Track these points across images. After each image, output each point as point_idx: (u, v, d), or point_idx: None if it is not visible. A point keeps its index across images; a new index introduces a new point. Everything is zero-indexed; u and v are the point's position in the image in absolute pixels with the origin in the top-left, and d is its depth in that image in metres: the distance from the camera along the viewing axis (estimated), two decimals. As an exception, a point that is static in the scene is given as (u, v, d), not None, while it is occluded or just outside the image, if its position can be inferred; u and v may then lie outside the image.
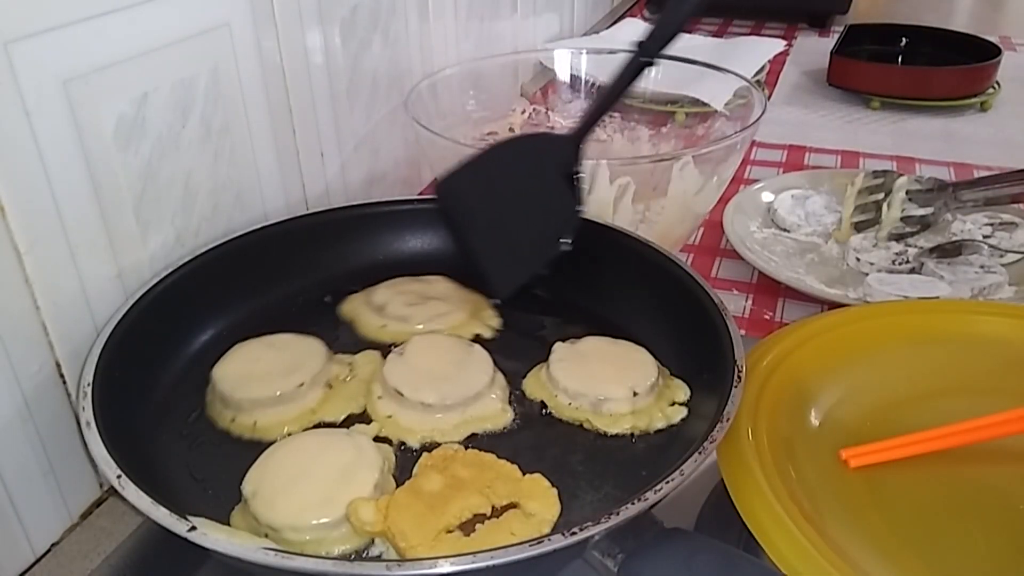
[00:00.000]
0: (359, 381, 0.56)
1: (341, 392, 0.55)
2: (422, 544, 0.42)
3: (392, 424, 0.53)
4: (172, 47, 0.57)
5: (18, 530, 0.51)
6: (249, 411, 0.53)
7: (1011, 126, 1.18)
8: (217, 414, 0.54)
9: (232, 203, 0.66)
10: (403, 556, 0.42)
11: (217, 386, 0.54)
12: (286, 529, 0.43)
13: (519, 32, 1.18)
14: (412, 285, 0.66)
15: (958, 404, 0.55)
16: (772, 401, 0.54)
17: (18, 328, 0.49)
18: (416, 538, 0.42)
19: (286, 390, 0.53)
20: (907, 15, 1.67)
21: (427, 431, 0.52)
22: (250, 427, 0.52)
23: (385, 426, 0.53)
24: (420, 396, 0.53)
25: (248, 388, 0.53)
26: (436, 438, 0.52)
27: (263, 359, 0.56)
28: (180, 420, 0.54)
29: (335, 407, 0.54)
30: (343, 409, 0.54)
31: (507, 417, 0.54)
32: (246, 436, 0.52)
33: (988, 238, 0.82)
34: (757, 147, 1.10)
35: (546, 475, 0.47)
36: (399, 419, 0.53)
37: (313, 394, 0.54)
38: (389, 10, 0.83)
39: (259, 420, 0.52)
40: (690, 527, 0.52)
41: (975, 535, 0.47)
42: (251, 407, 0.53)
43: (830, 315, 0.65)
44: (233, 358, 0.56)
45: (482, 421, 0.53)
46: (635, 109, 0.93)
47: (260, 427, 0.52)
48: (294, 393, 0.54)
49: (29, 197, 0.49)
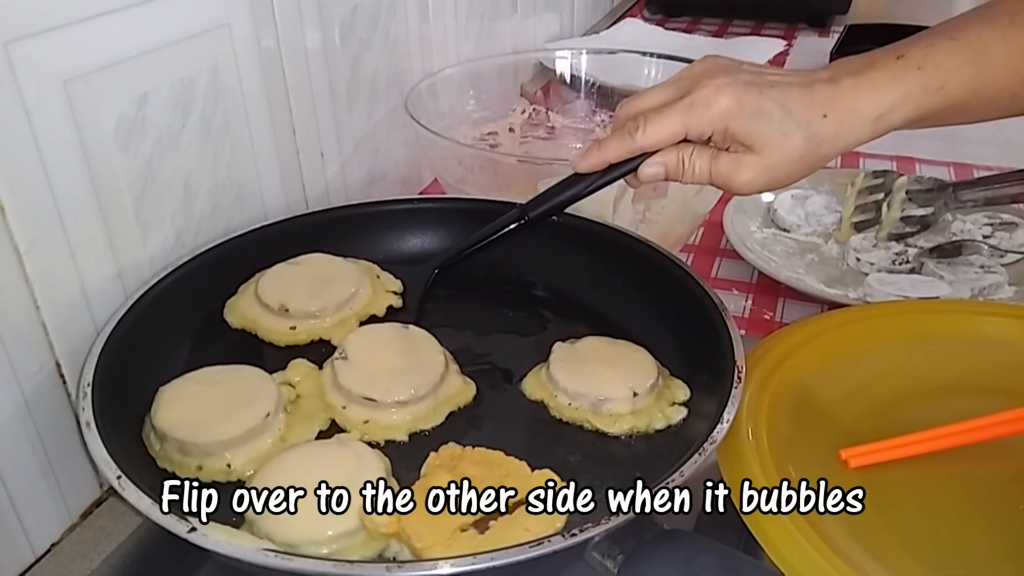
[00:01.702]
0: (308, 397, 0.54)
1: (299, 413, 0.53)
2: (438, 543, 0.42)
3: (373, 427, 0.52)
4: (172, 47, 0.57)
5: (18, 530, 0.51)
6: (218, 455, 0.48)
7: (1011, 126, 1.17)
8: (177, 465, 0.49)
9: (232, 203, 0.66)
10: (420, 556, 0.42)
11: (171, 435, 0.48)
12: (305, 544, 0.42)
13: (519, 32, 1.18)
14: (292, 270, 0.63)
15: (958, 404, 0.55)
16: (772, 401, 0.54)
17: (18, 328, 0.49)
18: (432, 538, 0.42)
19: (255, 423, 0.49)
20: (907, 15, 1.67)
21: (408, 423, 0.53)
22: (223, 471, 0.48)
23: (366, 431, 0.52)
24: (393, 396, 0.53)
25: (211, 431, 0.49)
26: (420, 426, 0.53)
27: (208, 398, 0.51)
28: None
29: (304, 429, 0.52)
30: (311, 429, 0.52)
31: (471, 390, 0.56)
32: (220, 480, 0.48)
33: (988, 238, 0.82)
34: (757, 147, 1.10)
35: (546, 475, 0.47)
36: (378, 421, 0.52)
37: (278, 422, 0.51)
38: (389, 10, 0.83)
39: (232, 462, 0.48)
40: (690, 528, 0.52)
41: (975, 535, 0.47)
42: (219, 450, 0.48)
43: (830, 315, 0.65)
44: (171, 403, 0.51)
45: (454, 399, 0.54)
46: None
47: (235, 469, 0.48)
48: (263, 425, 0.50)
49: (29, 197, 0.49)
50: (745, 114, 0.49)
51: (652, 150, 0.52)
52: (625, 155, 0.53)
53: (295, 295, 0.61)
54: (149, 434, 0.50)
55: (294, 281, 0.62)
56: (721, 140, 0.51)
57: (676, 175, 0.53)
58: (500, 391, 0.57)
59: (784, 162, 0.50)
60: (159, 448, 0.50)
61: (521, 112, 0.96)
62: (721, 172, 0.51)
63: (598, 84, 0.96)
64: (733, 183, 0.51)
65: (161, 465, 0.49)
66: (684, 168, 0.52)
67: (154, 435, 0.50)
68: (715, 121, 0.50)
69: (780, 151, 0.50)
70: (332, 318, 0.60)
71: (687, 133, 0.51)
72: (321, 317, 0.60)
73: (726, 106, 0.49)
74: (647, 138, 0.51)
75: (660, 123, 0.51)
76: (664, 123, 0.51)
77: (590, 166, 0.54)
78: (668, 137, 0.51)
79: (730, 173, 0.51)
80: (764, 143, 0.49)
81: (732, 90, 0.49)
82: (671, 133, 0.51)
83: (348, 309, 0.61)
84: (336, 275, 0.63)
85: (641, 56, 0.93)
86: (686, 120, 0.50)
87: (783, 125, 0.49)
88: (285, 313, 0.60)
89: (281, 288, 0.61)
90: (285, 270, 0.63)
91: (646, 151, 0.52)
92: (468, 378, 0.56)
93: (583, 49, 0.97)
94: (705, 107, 0.50)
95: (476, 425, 0.54)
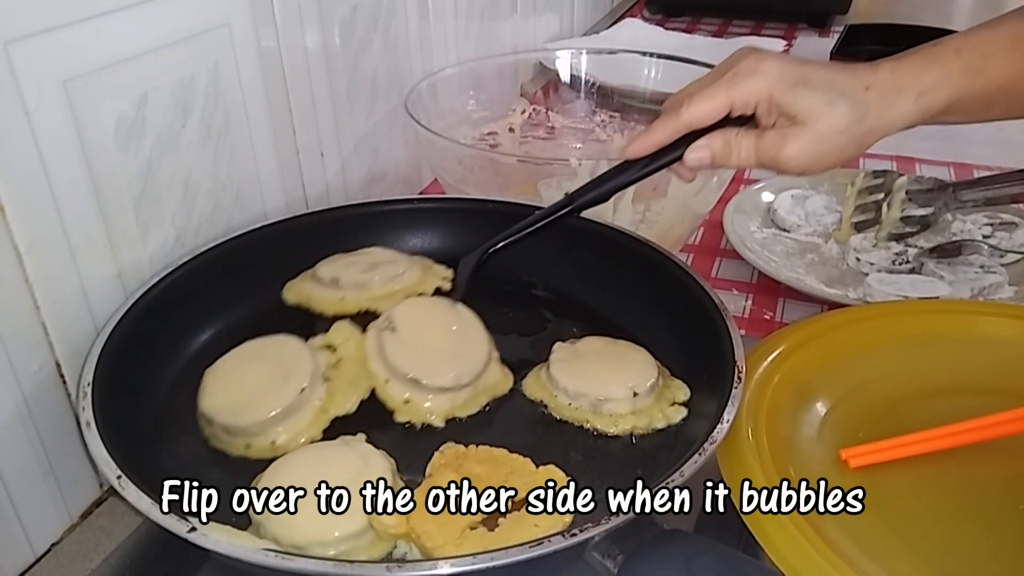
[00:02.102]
0: (350, 362, 0.55)
1: (340, 381, 0.54)
2: (448, 542, 0.42)
3: (411, 409, 0.53)
4: (172, 47, 0.57)
5: (18, 530, 0.51)
6: (261, 434, 0.50)
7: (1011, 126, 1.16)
8: (226, 445, 0.51)
9: (232, 203, 0.66)
10: (430, 556, 0.42)
11: (216, 420, 0.51)
12: (313, 546, 0.42)
13: (519, 32, 1.18)
14: (352, 258, 0.66)
15: (958, 404, 0.55)
16: (772, 401, 0.54)
17: (18, 328, 0.49)
18: (442, 537, 0.42)
19: (291, 400, 0.51)
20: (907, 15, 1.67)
21: (447, 410, 0.53)
22: (269, 448, 0.50)
23: (402, 412, 0.53)
24: (438, 382, 0.53)
25: (250, 412, 0.51)
26: (457, 413, 0.54)
27: (248, 375, 0.53)
28: (180, 420, 0.54)
29: (344, 399, 0.53)
30: (352, 398, 0.53)
31: (509, 380, 0.56)
32: (267, 457, 0.49)
33: (988, 238, 0.82)
34: (757, 147, 1.10)
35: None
36: (416, 402, 0.53)
37: (317, 393, 0.53)
38: (389, 10, 0.83)
39: (276, 439, 0.50)
40: (690, 528, 0.52)
41: (975, 535, 0.47)
42: (262, 429, 0.50)
43: (830, 315, 0.65)
44: (216, 384, 0.53)
45: (492, 389, 0.55)
46: (635, 109, 0.93)
47: (280, 445, 0.50)
48: (299, 400, 0.51)
49: (29, 197, 0.49)
50: (788, 82, 0.49)
51: (699, 127, 0.52)
52: (672, 135, 0.53)
53: (348, 271, 0.63)
54: (199, 417, 0.52)
55: (349, 262, 0.65)
56: (766, 114, 0.51)
57: (723, 158, 0.52)
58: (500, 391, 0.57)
59: (830, 132, 0.50)
60: (208, 431, 0.52)
61: (521, 112, 0.96)
62: (767, 148, 0.51)
63: (598, 84, 0.96)
64: (780, 157, 0.51)
65: (212, 445, 0.51)
66: (730, 150, 0.52)
67: (203, 418, 0.52)
68: (759, 91, 0.50)
69: (825, 121, 0.49)
70: (380, 289, 0.62)
71: (732, 106, 0.51)
72: (369, 287, 0.62)
73: (769, 75, 0.50)
74: (692, 113, 0.52)
75: (705, 97, 0.51)
76: (709, 97, 0.51)
77: (639, 150, 0.54)
78: (713, 110, 0.51)
79: (777, 148, 0.51)
80: (809, 113, 0.49)
81: (774, 61, 0.50)
82: (716, 106, 0.51)
83: (396, 284, 0.62)
84: (389, 260, 0.65)
85: (641, 56, 0.93)
86: (730, 93, 0.51)
87: (827, 94, 0.49)
88: (336, 284, 0.62)
89: (336, 266, 0.64)
90: (342, 257, 0.66)
91: (693, 127, 0.52)
92: (507, 368, 0.57)
93: (583, 49, 0.97)
94: (748, 76, 0.50)
95: (476, 425, 0.54)
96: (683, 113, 0.52)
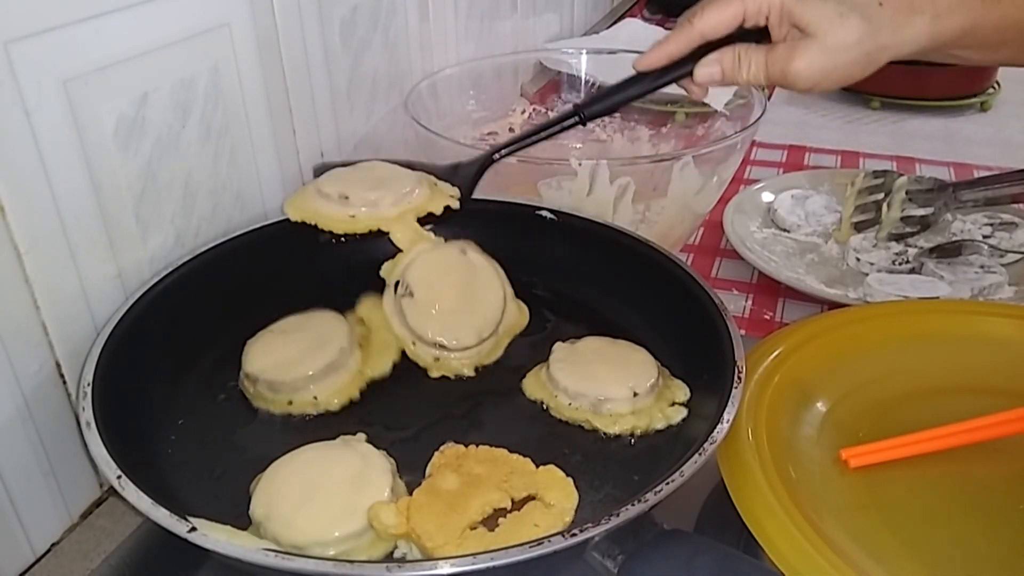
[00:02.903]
0: (377, 329, 0.59)
1: (374, 347, 0.58)
2: (449, 543, 0.42)
3: (442, 365, 0.58)
4: (172, 47, 0.57)
5: (18, 530, 0.51)
6: (304, 389, 0.54)
7: (1011, 126, 1.18)
8: (269, 402, 0.55)
9: (232, 203, 0.66)
10: (430, 556, 0.42)
11: (261, 377, 0.54)
12: (312, 546, 0.43)
13: (519, 32, 1.18)
14: (355, 172, 0.65)
15: (958, 404, 0.55)
16: (772, 401, 0.54)
17: (18, 328, 0.49)
18: (442, 537, 0.42)
19: (333, 358, 0.55)
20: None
21: (474, 359, 0.58)
22: (311, 403, 0.54)
23: (434, 368, 0.58)
24: (463, 342, 0.57)
25: (295, 368, 0.54)
26: (483, 361, 0.59)
27: (290, 341, 0.57)
28: (180, 419, 0.54)
29: (379, 362, 0.57)
30: (386, 361, 0.58)
31: (526, 314, 0.61)
32: (311, 412, 0.54)
33: (988, 238, 0.82)
34: (757, 147, 1.10)
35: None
36: (447, 360, 0.58)
37: (354, 355, 0.57)
38: (389, 10, 0.83)
39: (319, 395, 0.54)
40: (690, 528, 0.52)
41: (975, 535, 0.47)
42: (305, 384, 0.54)
43: (830, 315, 0.65)
44: (259, 351, 0.56)
45: (512, 329, 0.60)
46: (635, 109, 0.93)
47: (322, 400, 0.54)
48: (339, 359, 0.56)
49: (29, 197, 0.49)
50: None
51: (712, 37, 0.52)
52: (685, 46, 0.53)
53: (356, 187, 0.62)
54: (243, 380, 0.56)
55: (354, 177, 0.64)
56: (777, 24, 0.51)
57: (732, 74, 0.52)
58: (500, 391, 0.57)
59: (841, 46, 0.49)
60: (252, 390, 0.55)
61: (521, 112, 0.96)
62: (776, 61, 0.51)
63: (598, 84, 0.96)
64: (789, 70, 0.50)
65: (255, 404, 0.55)
66: (740, 65, 0.52)
67: (247, 380, 0.55)
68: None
69: (836, 33, 0.49)
70: (391, 210, 0.61)
71: (744, 15, 0.51)
72: (380, 206, 0.61)
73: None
74: (705, 22, 0.52)
75: (718, 5, 0.51)
76: (722, 5, 0.51)
77: (650, 62, 0.55)
78: (726, 20, 0.52)
79: (786, 60, 0.50)
80: (819, 24, 0.49)
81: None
82: (729, 15, 0.51)
83: (406, 203, 0.62)
84: (395, 176, 0.64)
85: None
86: (743, 1, 0.51)
87: (840, 6, 0.49)
88: (345, 201, 0.61)
89: (342, 181, 0.63)
90: (343, 170, 0.65)
91: (706, 37, 0.52)
92: (521, 302, 0.60)
93: (583, 49, 0.97)
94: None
95: (477, 425, 0.54)
96: (696, 23, 0.52)
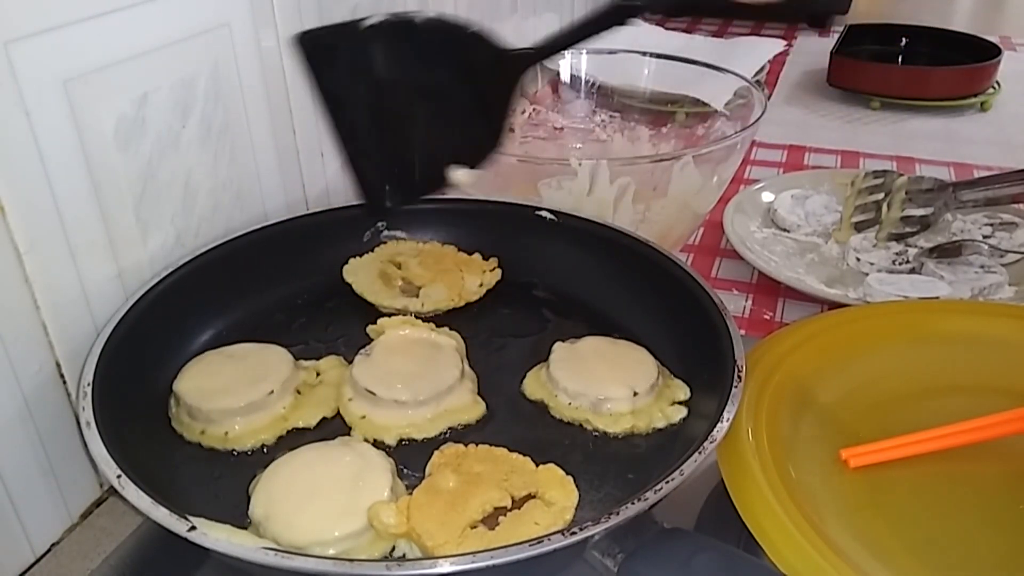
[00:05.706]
0: (327, 386, 0.56)
1: (311, 397, 0.55)
2: (449, 542, 0.42)
3: (366, 424, 0.53)
4: (172, 47, 0.57)
5: (18, 530, 0.51)
6: (219, 422, 0.52)
7: (1011, 126, 1.18)
8: (185, 427, 0.53)
9: (232, 203, 0.66)
10: (430, 555, 0.42)
11: (184, 399, 0.52)
12: (312, 546, 0.42)
13: (519, 32, 1.18)
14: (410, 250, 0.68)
15: (958, 404, 0.55)
16: (772, 401, 0.54)
17: (18, 328, 0.49)
18: (442, 536, 0.42)
19: (256, 398, 0.52)
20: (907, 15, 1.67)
21: (402, 428, 0.52)
22: (221, 438, 0.51)
23: (359, 427, 0.53)
24: (393, 394, 0.53)
25: (216, 399, 0.52)
26: (412, 434, 0.52)
27: (226, 370, 0.54)
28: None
29: (307, 412, 0.53)
30: (315, 414, 0.53)
31: (480, 409, 0.54)
32: (218, 447, 0.51)
33: (988, 238, 0.82)
34: (757, 147, 1.10)
35: (546, 474, 0.47)
36: (373, 418, 0.53)
37: (283, 401, 0.54)
38: (389, 10, 0.83)
39: (230, 431, 0.52)
40: (690, 527, 0.52)
41: (975, 535, 0.47)
42: (221, 418, 0.52)
43: (830, 315, 0.65)
44: (195, 371, 0.55)
45: (456, 414, 0.53)
46: (635, 109, 0.93)
47: (232, 437, 0.51)
48: (264, 401, 0.53)
49: (29, 197, 0.49)
50: None
51: None
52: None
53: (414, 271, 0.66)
54: (170, 396, 0.54)
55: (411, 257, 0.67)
56: None
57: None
58: (500, 391, 0.57)
59: None
60: (175, 410, 0.54)
61: (521, 112, 0.96)
62: None
63: (598, 84, 0.96)
64: None
65: (173, 426, 0.53)
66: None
67: (173, 398, 0.54)
68: None
69: None
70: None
71: None
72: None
73: None
74: None
75: None
76: None
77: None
78: None
79: None
80: None
81: None
82: None
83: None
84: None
85: (641, 56, 0.93)
86: None
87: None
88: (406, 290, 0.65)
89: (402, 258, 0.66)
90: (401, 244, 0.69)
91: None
92: (481, 399, 0.55)
93: (583, 49, 0.97)
94: None
95: (476, 425, 0.54)
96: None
